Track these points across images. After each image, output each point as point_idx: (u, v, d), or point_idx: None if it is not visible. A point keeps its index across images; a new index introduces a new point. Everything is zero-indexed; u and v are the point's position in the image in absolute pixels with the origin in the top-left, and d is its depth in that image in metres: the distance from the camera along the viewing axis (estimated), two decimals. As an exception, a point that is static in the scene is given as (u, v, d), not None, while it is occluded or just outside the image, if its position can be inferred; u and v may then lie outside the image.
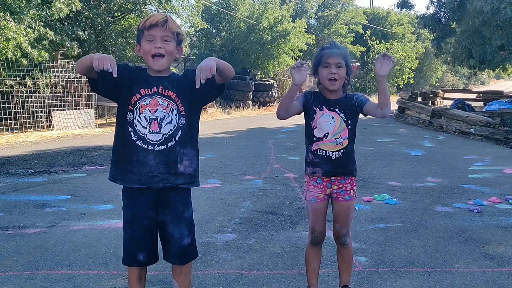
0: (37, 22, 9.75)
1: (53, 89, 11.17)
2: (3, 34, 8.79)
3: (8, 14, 8.98)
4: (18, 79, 10.34)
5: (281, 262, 3.19)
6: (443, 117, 12.48)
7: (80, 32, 11.69)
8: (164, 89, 2.15)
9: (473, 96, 18.90)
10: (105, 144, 8.57)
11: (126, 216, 2.22)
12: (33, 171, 6.19)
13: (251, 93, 18.93)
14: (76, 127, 11.25)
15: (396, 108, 16.26)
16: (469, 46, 13.95)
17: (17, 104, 10.69)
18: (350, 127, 2.48)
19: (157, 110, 2.12)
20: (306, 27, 22.92)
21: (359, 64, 31.78)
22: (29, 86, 10.52)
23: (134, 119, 2.12)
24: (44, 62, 10.65)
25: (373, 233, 3.80)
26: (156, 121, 2.11)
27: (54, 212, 4.32)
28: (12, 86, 10.30)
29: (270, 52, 19.68)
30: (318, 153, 2.47)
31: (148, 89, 2.14)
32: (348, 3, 30.14)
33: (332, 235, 2.64)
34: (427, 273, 3.01)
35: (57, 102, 11.37)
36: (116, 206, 4.38)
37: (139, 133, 2.12)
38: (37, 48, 9.75)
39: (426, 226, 4.00)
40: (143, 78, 2.17)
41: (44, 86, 10.76)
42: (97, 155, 7.52)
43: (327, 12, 28.05)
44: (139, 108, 2.12)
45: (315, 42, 23.36)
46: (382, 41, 29.65)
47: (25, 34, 9.20)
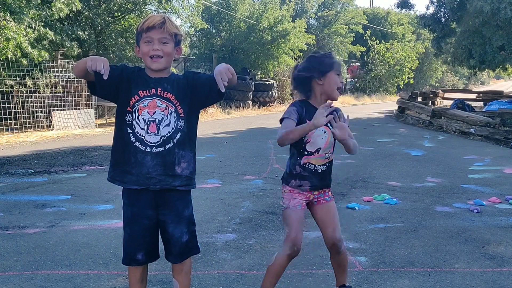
0: (37, 22, 9.75)
1: (53, 89, 11.17)
2: (3, 34, 8.79)
3: (8, 14, 8.98)
4: (18, 79, 10.33)
5: (281, 262, 3.18)
6: (443, 117, 12.48)
7: (80, 32, 11.68)
8: (163, 91, 2.14)
9: (473, 96, 18.91)
10: (105, 144, 8.57)
11: (126, 216, 2.22)
12: (33, 171, 6.19)
13: (251, 93, 18.92)
14: (76, 127, 11.25)
15: (396, 108, 16.25)
16: (469, 46, 13.95)
17: (17, 104, 10.68)
18: (336, 142, 2.41)
19: (156, 112, 2.12)
20: (306, 27, 22.92)
21: (359, 64, 31.81)
22: (29, 86, 10.52)
23: (133, 121, 2.12)
24: (44, 62, 10.65)
25: (373, 233, 3.80)
26: (155, 123, 2.11)
27: (54, 212, 4.32)
28: (12, 86, 10.30)
29: (270, 52, 19.67)
30: (307, 167, 2.36)
31: (147, 91, 2.13)
32: (348, 3, 30.16)
33: (326, 245, 2.45)
34: (427, 273, 3.01)
35: (57, 102, 11.37)
36: (116, 206, 4.38)
37: (138, 135, 2.12)
38: (37, 48, 9.75)
39: (426, 226, 4.00)
40: (142, 79, 2.16)
41: (44, 86, 10.76)
42: (97, 155, 7.52)
43: (327, 12, 28.06)
44: (138, 110, 2.12)
45: (315, 42, 23.36)
46: (382, 41, 29.67)
47: (25, 34, 9.20)
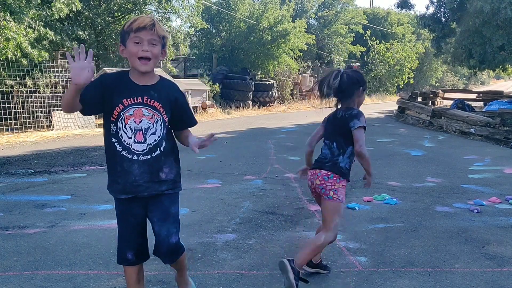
0: (37, 22, 9.75)
1: (53, 89, 11.18)
2: (3, 34, 8.80)
3: (8, 14, 8.98)
4: (18, 79, 10.34)
5: (281, 262, 3.18)
6: (443, 117, 12.48)
7: (80, 32, 11.69)
8: (150, 99, 2.14)
9: (473, 96, 18.89)
10: (105, 144, 8.56)
11: (116, 215, 2.28)
12: (33, 171, 6.19)
13: (251, 93, 18.93)
14: (76, 127, 11.25)
15: (396, 108, 16.24)
16: (469, 46, 13.95)
17: (17, 104, 10.69)
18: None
19: (142, 121, 2.13)
20: (306, 27, 22.93)
21: (359, 64, 31.79)
22: (29, 86, 10.53)
23: (120, 130, 2.13)
24: (44, 62, 10.66)
25: (373, 233, 3.80)
26: (141, 132, 2.13)
27: (54, 212, 4.32)
28: (12, 86, 10.31)
29: (270, 52, 19.68)
30: None
31: (132, 99, 2.13)
32: (348, 3, 30.17)
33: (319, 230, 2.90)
34: (427, 273, 3.01)
35: (57, 102, 11.37)
36: (116, 206, 4.37)
37: (124, 144, 2.13)
38: (37, 48, 9.76)
39: (426, 226, 4.00)
40: (127, 87, 2.15)
41: (44, 86, 10.77)
42: (97, 155, 7.52)
43: (327, 12, 28.07)
44: (124, 119, 2.12)
45: (315, 42, 23.37)
46: (382, 41, 29.68)
47: (25, 34, 9.20)
